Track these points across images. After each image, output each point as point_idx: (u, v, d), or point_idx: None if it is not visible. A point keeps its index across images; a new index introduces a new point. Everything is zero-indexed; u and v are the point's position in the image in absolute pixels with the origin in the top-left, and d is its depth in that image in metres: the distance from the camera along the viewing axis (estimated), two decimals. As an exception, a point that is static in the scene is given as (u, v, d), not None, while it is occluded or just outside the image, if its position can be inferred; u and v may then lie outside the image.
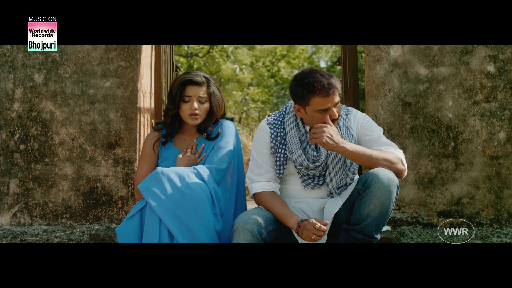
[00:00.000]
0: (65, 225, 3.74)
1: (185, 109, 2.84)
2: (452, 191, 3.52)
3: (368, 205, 2.38)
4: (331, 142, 2.41)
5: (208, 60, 13.34)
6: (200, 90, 2.84)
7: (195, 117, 2.84)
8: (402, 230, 3.45)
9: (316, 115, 2.54)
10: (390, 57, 3.60)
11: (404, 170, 2.54)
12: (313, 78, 2.50)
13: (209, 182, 2.63)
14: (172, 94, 2.85)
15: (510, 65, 3.52)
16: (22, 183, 3.79)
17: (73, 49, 3.80)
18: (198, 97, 2.84)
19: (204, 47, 13.00)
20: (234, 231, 2.40)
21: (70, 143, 3.78)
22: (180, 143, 2.94)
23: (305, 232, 2.36)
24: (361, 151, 2.46)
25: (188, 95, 2.83)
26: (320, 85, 2.47)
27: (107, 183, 3.76)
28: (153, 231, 2.50)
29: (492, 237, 3.33)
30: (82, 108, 3.79)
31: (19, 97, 3.82)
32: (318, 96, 2.49)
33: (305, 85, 2.51)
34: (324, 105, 2.50)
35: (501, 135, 3.51)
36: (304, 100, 2.54)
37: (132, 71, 3.78)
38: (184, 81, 2.83)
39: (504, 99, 3.51)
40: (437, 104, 3.56)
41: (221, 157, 2.78)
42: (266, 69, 14.59)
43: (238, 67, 13.50)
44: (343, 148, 2.42)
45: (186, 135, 2.96)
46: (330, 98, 2.49)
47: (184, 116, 2.86)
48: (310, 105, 2.53)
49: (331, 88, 2.48)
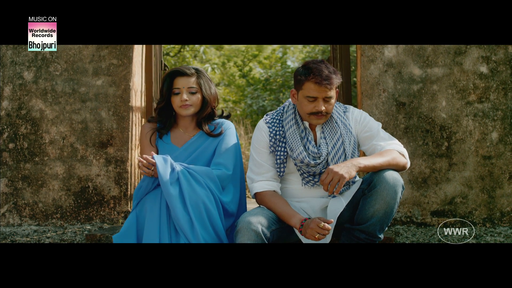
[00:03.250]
0: (56, 226, 3.67)
1: (176, 101, 2.84)
2: (445, 191, 3.55)
3: (373, 205, 2.38)
4: (347, 171, 2.37)
5: (179, 60, 13.28)
6: (189, 81, 2.84)
7: (186, 106, 2.83)
8: (396, 230, 3.46)
9: (304, 102, 2.58)
10: (384, 57, 3.61)
11: (407, 162, 2.56)
12: (316, 66, 2.55)
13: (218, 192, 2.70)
14: (162, 87, 2.85)
15: (502, 66, 3.56)
16: (11, 183, 3.71)
17: (64, 46, 3.73)
18: (187, 88, 2.83)
19: (176, 46, 12.95)
20: (238, 231, 2.38)
21: (61, 142, 3.72)
22: (177, 137, 2.91)
23: (309, 231, 2.35)
24: (370, 165, 2.44)
25: (177, 87, 2.83)
26: (318, 73, 2.52)
27: (98, 182, 3.70)
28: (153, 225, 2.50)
29: (486, 236, 3.36)
30: (73, 106, 3.73)
31: (8, 95, 3.74)
32: (311, 81, 2.53)
33: (306, 69, 2.58)
34: (313, 93, 2.53)
35: (494, 135, 3.55)
36: (299, 83, 2.60)
37: (124, 69, 3.73)
38: (172, 72, 2.85)
39: (497, 100, 3.55)
40: (431, 104, 3.58)
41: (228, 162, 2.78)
42: (238, 69, 14.58)
43: (209, 66, 13.46)
44: (353, 170, 2.39)
45: (182, 129, 2.93)
46: (322, 88, 2.53)
47: (176, 108, 2.85)
48: (302, 89, 2.59)
49: (327, 80, 2.51)
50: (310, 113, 2.58)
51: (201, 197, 2.56)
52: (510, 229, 3.46)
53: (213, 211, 2.57)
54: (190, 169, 2.63)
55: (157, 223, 2.52)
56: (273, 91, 11.91)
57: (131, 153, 3.74)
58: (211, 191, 2.62)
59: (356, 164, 2.39)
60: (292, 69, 12.29)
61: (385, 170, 2.42)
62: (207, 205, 2.56)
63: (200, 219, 2.52)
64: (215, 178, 2.68)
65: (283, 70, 12.29)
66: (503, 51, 3.56)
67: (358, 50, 3.82)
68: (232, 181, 2.77)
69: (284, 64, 13.63)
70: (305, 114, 2.61)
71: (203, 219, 2.53)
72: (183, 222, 2.49)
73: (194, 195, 2.55)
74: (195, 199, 2.54)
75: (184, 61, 13.37)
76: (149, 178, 2.61)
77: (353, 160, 2.43)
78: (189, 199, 2.53)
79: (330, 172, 2.36)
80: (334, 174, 2.35)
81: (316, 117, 2.58)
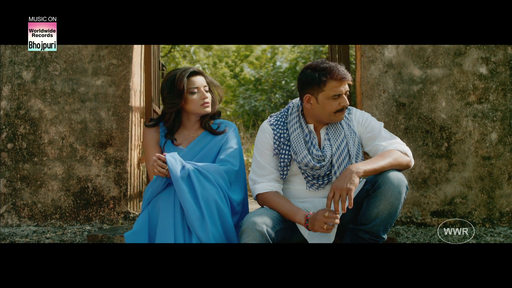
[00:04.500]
0: (55, 226, 3.65)
1: (195, 100, 2.82)
2: (445, 191, 3.56)
3: (378, 205, 2.38)
4: (351, 182, 2.38)
5: (169, 60, 13.25)
6: (203, 80, 2.87)
7: (208, 104, 2.85)
8: (397, 230, 3.47)
9: (329, 102, 2.57)
10: (384, 58, 3.62)
11: (411, 161, 2.56)
12: (328, 65, 2.56)
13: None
14: (178, 88, 2.78)
15: (502, 67, 3.58)
16: (9, 183, 3.69)
17: (63, 46, 3.71)
18: (203, 86, 2.86)
19: (166, 46, 12.91)
20: (243, 231, 2.38)
21: (60, 142, 3.70)
22: (181, 138, 2.90)
23: (317, 223, 2.36)
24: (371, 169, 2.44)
25: (195, 86, 2.82)
26: (336, 69, 2.55)
27: (98, 183, 3.69)
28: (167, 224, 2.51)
29: (485, 236, 3.38)
30: (72, 106, 3.71)
31: (6, 94, 3.72)
32: (334, 80, 2.54)
33: (321, 70, 2.56)
34: (338, 90, 2.55)
35: (493, 136, 3.57)
36: (319, 85, 2.56)
37: (124, 69, 3.72)
38: (190, 72, 2.82)
39: (496, 101, 3.57)
40: (430, 105, 3.59)
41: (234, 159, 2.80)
42: (229, 69, 14.57)
43: (200, 66, 13.46)
44: (355, 178, 2.39)
45: (187, 130, 2.92)
46: (344, 82, 2.56)
47: (193, 107, 2.82)
48: (324, 90, 2.56)
49: (346, 74, 2.56)
50: (336, 111, 2.58)
51: (213, 194, 2.57)
52: (509, 229, 3.48)
53: (224, 209, 2.59)
54: (199, 167, 2.63)
55: (171, 222, 2.53)
56: (264, 91, 11.92)
57: (130, 154, 3.73)
58: (221, 188, 2.63)
59: (355, 171, 2.38)
60: (284, 69, 12.31)
61: (389, 170, 2.43)
62: (218, 202, 2.57)
63: (211, 216, 2.53)
64: (223, 174, 2.69)
65: (274, 70, 12.30)
66: (502, 52, 3.58)
67: (357, 51, 3.83)
68: (239, 181, 2.77)
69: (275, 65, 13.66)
70: (330, 114, 2.59)
71: (213, 216, 2.54)
72: (193, 217, 2.49)
73: (206, 193, 2.56)
74: (206, 196, 2.55)
75: (174, 61, 13.33)
76: (161, 178, 2.60)
77: (352, 167, 2.40)
78: (201, 196, 2.54)
79: (336, 189, 2.35)
80: (340, 190, 2.34)
81: (341, 113, 2.60)
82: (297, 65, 12.06)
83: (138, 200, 3.98)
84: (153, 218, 2.58)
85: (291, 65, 12.48)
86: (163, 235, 2.49)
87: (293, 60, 12.79)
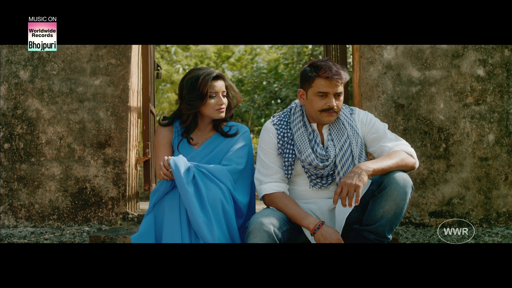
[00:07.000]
0: (53, 227, 3.62)
1: (212, 104, 2.81)
2: (443, 192, 3.60)
3: (383, 206, 2.40)
4: (360, 179, 2.40)
5: None
6: (223, 84, 2.86)
7: (223, 110, 2.84)
8: (396, 230, 3.50)
9: (315, 99, 2.59)
10: (383, 59, 3.64)
11: (416, 162, 2.58)
12: (325, 63, 2.58)
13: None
14: (201, 91, 2.76)
15: (499, 69, 3.62)
16: (6, 184, 3.65)
17: (61, 45, 3.68)
18: (222, 91, 2.84)
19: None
20: (250, 231, 2.38)
21: (58, 142, 3.67)
22: (195, 139, 2.90)
23: (322, 240, 2.42)
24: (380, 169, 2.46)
25: (215, 90, 2.81)
26: (328, 68, 2.55)
27: (96, 183, 3.67)
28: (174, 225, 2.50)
29: (483, 237, 3.41)
30: (70, 106, 3.68)
31: (3, 94, 3.68)
32: (322, 77, 2.55)
33: (314, 67, 2.60)
34: (325, 88, 2.55)
35: (490, 137, 3.60)
36: (308, 81, 2.60)
37: (123, 69, 3.70)
38: (214, 76, 2.80)
39: (493, 102, 3.61)
40: (429, 106, 3.62)
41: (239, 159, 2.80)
42: None
43: (181, 67, 13.37)
44: (365, 176, 2.41)
45: (200, 131, 2.92)
46: (333, 83, 2.55)
47: (209, 111, 2.81)
48: (312, 86, 2.59)
49: (337, 75, 2.54)
50: (321, 110, 2.58)
51: (218, 195, 2.56)
52: (506, 229, 3.52)
53: (229, 209, 2.58)
54: (204, 169, 2.63)
55: (178, 224, 2.52)
56: (247, 92, 11.92)
57: (129, 154, 3.71)
58: (226, 188, 2.63)
59: (365, 169, 2.41)
60: (267, 69, 12.32)
61: (394, 171, 2.44)
62: (224, 203, 2.57)
63: (217, 218, 2.53)
64: (227, 174, 2.68)
65: (258, 71, 12.28)
66: (499, 54, 3.62)
67: (354, 52, 3.85)
68: (245, 181, 2.77)
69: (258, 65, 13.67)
70: (316, 112, 2.60)
71: (219, 217, 2.54)
72: (199, 220, 2.49)
73: (211, 194, 2.55)
74: (212, 197, 2.55)
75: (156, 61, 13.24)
76: (167, 181, 2.59)
77: (362, 165, 2.43)
78: (207, 197, 2.54)
79: (344, 185, 2.37)
80: (348, 186, 2.36)
81: (327, 113, 2.59)
82: (278, 66, 12.10)
83: (136, 201, 3.97)
84: (159, 220, 2.58)
85: (272, 66, 12.51)
86: (170, 237, 2.49)
87: (274, 60, 12.83)
